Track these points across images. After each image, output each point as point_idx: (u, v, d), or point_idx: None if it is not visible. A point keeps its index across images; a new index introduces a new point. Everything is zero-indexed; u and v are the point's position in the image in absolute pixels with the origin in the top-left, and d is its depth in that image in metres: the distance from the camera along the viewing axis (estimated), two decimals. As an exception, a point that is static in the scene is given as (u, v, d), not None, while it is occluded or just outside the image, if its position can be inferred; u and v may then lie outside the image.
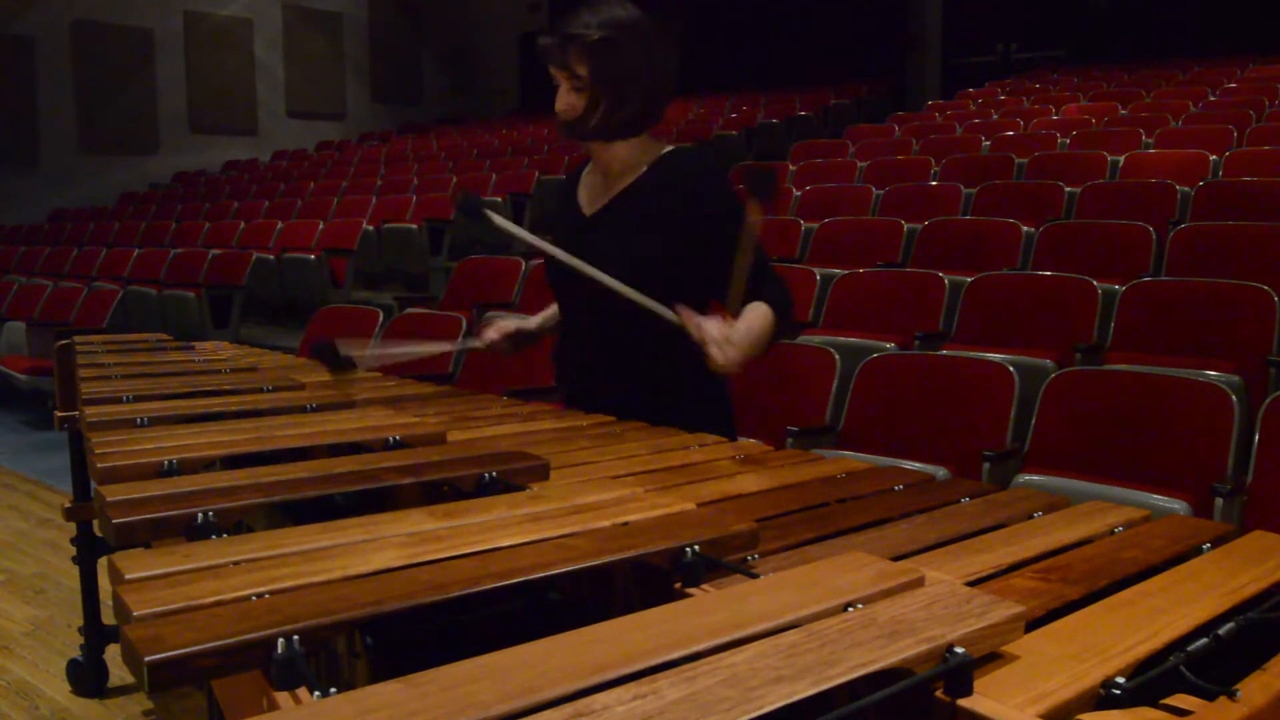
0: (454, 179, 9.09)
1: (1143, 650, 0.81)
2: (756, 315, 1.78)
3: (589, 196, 1.99)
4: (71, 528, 2.86)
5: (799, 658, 0.70)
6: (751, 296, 1.80)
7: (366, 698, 0.63)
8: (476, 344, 2.11)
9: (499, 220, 1.90)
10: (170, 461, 1.32)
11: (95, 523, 2.74)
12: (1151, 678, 0.76)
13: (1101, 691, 0.75)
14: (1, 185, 11.56)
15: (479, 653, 0.69)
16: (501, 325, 2.12)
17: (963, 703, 0.71)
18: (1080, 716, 0.73)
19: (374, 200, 8.78)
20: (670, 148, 1.94)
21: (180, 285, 7.21)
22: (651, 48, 1.82)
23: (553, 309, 2.13)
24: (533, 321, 2.17)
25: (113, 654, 2.82)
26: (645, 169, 1.91)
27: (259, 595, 0.83)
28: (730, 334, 1.68)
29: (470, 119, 14.75)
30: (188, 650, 0.72)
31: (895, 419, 3.32)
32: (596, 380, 1.97)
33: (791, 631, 0.74)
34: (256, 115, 14.04)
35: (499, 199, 8.17)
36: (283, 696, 0.72)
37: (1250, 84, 8.08)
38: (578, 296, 1.94)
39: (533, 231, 1.97)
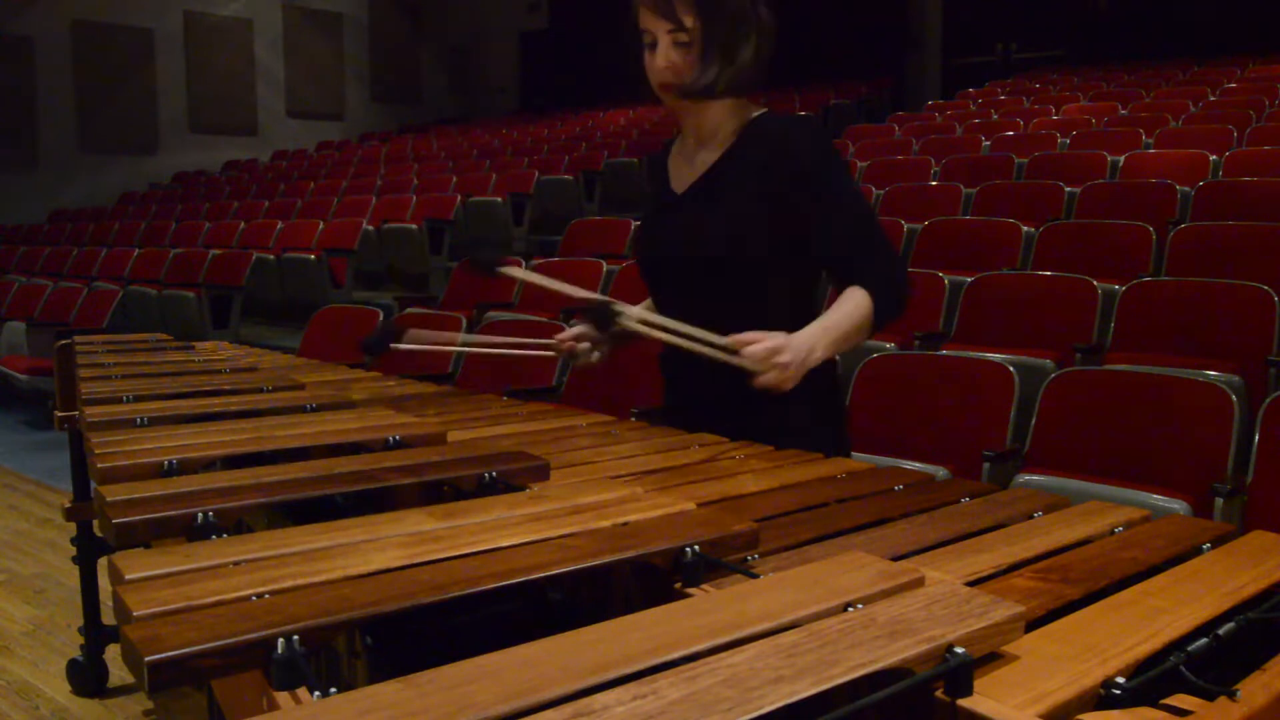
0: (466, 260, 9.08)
1: (1143, 650, 0.80)
2: (848, 307, 1.63)
3: (679, 172, 1.82)
4: (71, 528, 2.86)
5: (799, 658, 0.70)
6: (852, 276, 1.65)
7: (366, 698, 0.63)
8: (582, 358, 1.87)
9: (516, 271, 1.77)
10: (170, 461, 1.32)
11: (95, 523, 2.74)
12: (1151, 678, 0.76)
13: (1101, 691, 0.75)
14: (1, 185, 11.57)
15: (479, 653, 0.69)
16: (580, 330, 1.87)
17: (963, 703, 0.71)
18: (1080, 716, 0.73)
19: (374, 200, 8.79)
20: (761, 111, 1.77)
21: (180, 285, 7.21)
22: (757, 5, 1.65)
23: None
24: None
25: (113, 654, 2.82)
26: (735, 136, 1.74)
27: (259, 595, 0.83)
28: (783, 343, 1.53)
29: (470, 119, 14.75)
30: (188, 650, 0.72)
31: (895, 419, 3.32)
32: (702, 387, 1.76)
33: (791, 631, 0.74)
34: (256, 115, 14.04)
35: (498, 199, 8.17)
36: (283, 696, 0.72)
37: (1250, 84, 8.08)
38: (676, 304, 1.73)
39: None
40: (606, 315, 1.65)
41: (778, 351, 1.53)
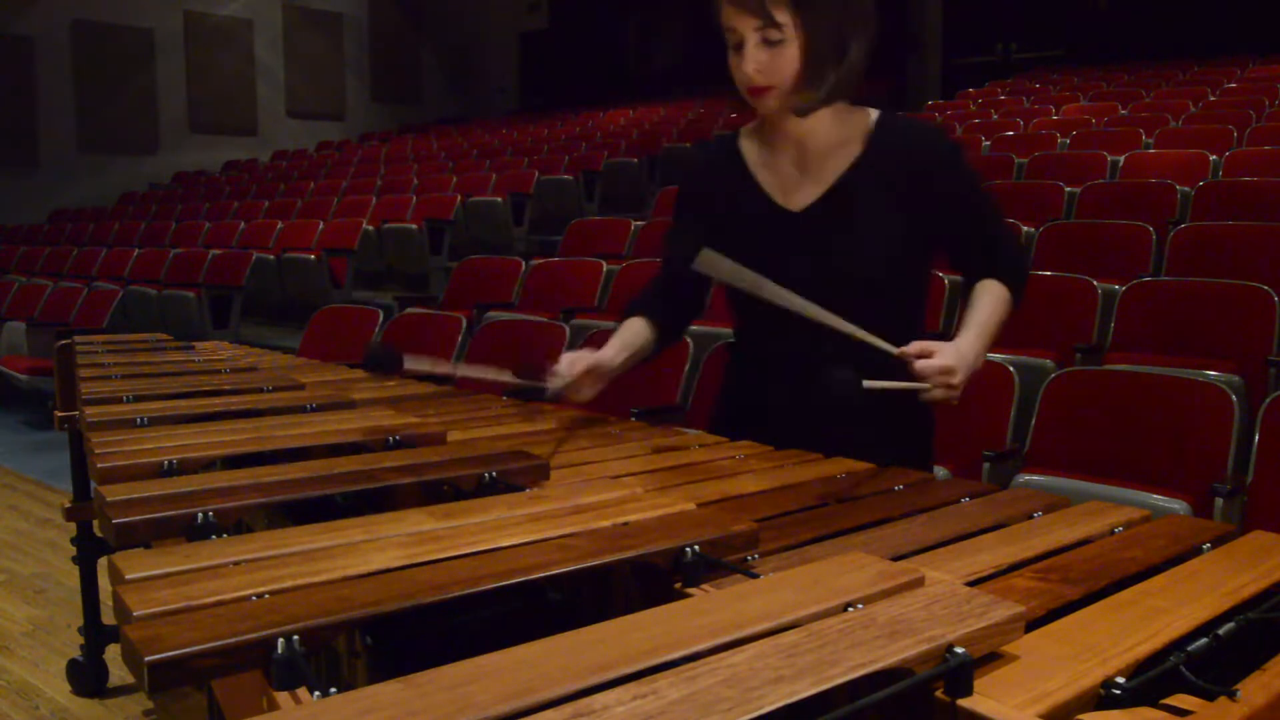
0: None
1: (1143, 650, 0.81)
2: (991, 303, 1.55)
3: (783, 185, 1.61)
4: (71, 528, 2.86)
5: (799, 658, 0.70)
6: (983, 268, 1.59)
7: (366, 698, 0.63)
8: (549, 387, 1.63)
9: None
10: (170, 461, 1.32)
11: (95, 523, 2.74)
12: (1151, 678, 0.76)
13: (1101, 691, 0.75)
14: (1, 185, 11.57)
15: (479, 653, 0.69)
16: (577, 362, 1.62)
17: (963, 703, 0.71)
18: (1080, 716, 0.73)
19: (374, 200, 8.79)
20: (877, 113, 1.61)
21: (180, 285, 7.21)
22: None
23: (631, 335, 1.71)
24: (616, 353, 1.67)
25: (113, 654, 2.82)
26: (863, 145, 1.58)
27: (259, 595, 0.83)
28: (955, 361, 1.41)
29: (470, 119, 14.75)
30: (188, 650, 0.72)
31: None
32: (800, 415, 1.60)
33: (791, 631, 0.74)
34: (256, 115, 14.04)
35: (498, 198, 8.18)
36: (283, 696, 0.72)
37: (1250, 84, 8.08)
38: (780, 329, 1.54)
39: (680, 221, 1.68)
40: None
41: (951, 371, 1.41)
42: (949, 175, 1.58)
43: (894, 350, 1.43)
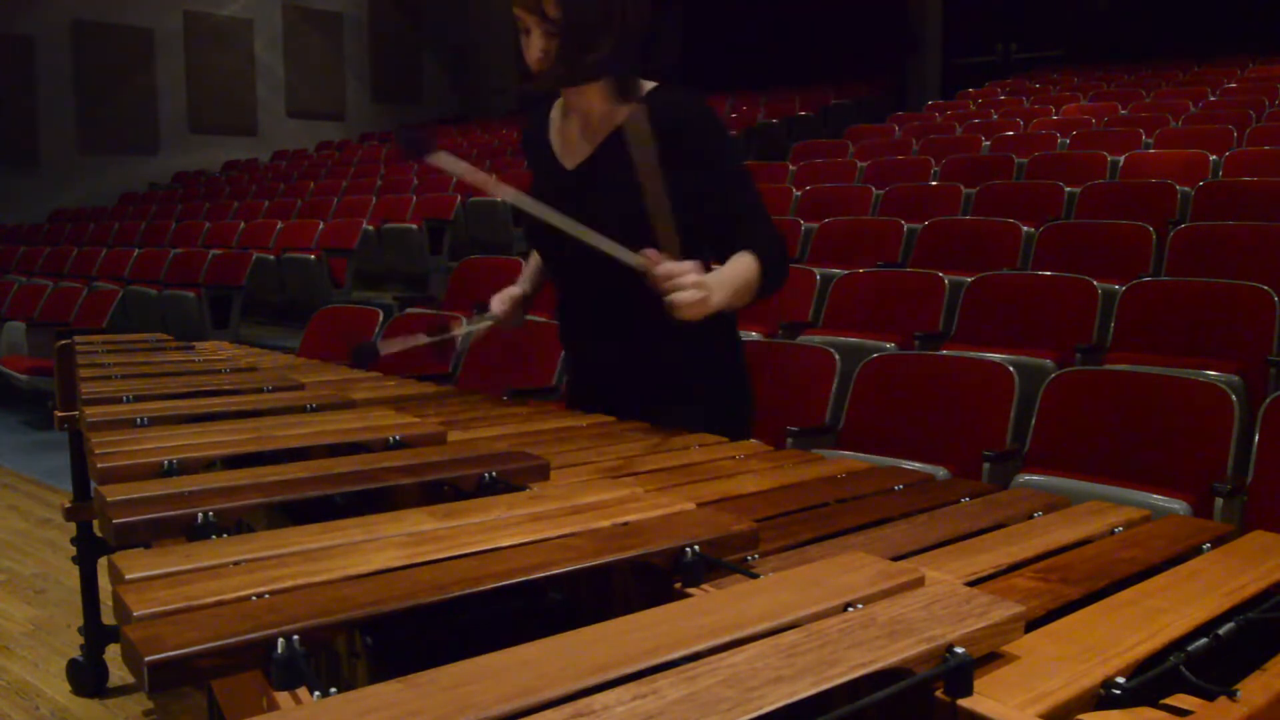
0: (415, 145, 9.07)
1: (1143, 650, 0.81)
2: (739, 264, 1.69)
3: (567, 148, 1.88)
4: (71, 528, 2.86)
5: (799, 658, 0.70)
6: (737, 245, 1.72)
7: (366, 698, 0.63)
8: (485, 322, 2.01)
9: (447, 161, 1.73)
10: (170, 461, 1.32)
11: (95, 523, 2.74)
12: (1151, 678, 0.76)
13: (1101, 691, 0.75)
14: (1, 185, 11.57)
15: (479, 653, 0.69)
16: (504, 295, 2.02)
17: (963, 703, 0.71)
18: (1080, 716, 0.73)
19: (374, 200, 8.79)
20: (651, 86, 1.81)
21: (180, 285, 7.21)
22: None
23: (533, 262, 2.08)
24: (525, 283, 2.07)
25: (113, 654, 2.82)
26: (623, 115, 1.73)
27: (259, 595, 0.83)
28: (702, 277, 1.55)
29: (470, 119, 14.75)
30: (188, 650, 0.72)
31: (895, 419, 3.32)
32: (599, 338, 1.89)
33: (791, 631, 0.74)
34: (256, 115, 14.04)
35: (499, 199, 8.17)
36: (283, 696, 0.71)
37: (1250, 84, 8.08)
38: (564, 252, 1.80)
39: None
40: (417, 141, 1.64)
41: (700, 283, 1.54)
42: (699, 140, 1.74)
43: (643, 261, 1.57)
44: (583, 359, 1.99)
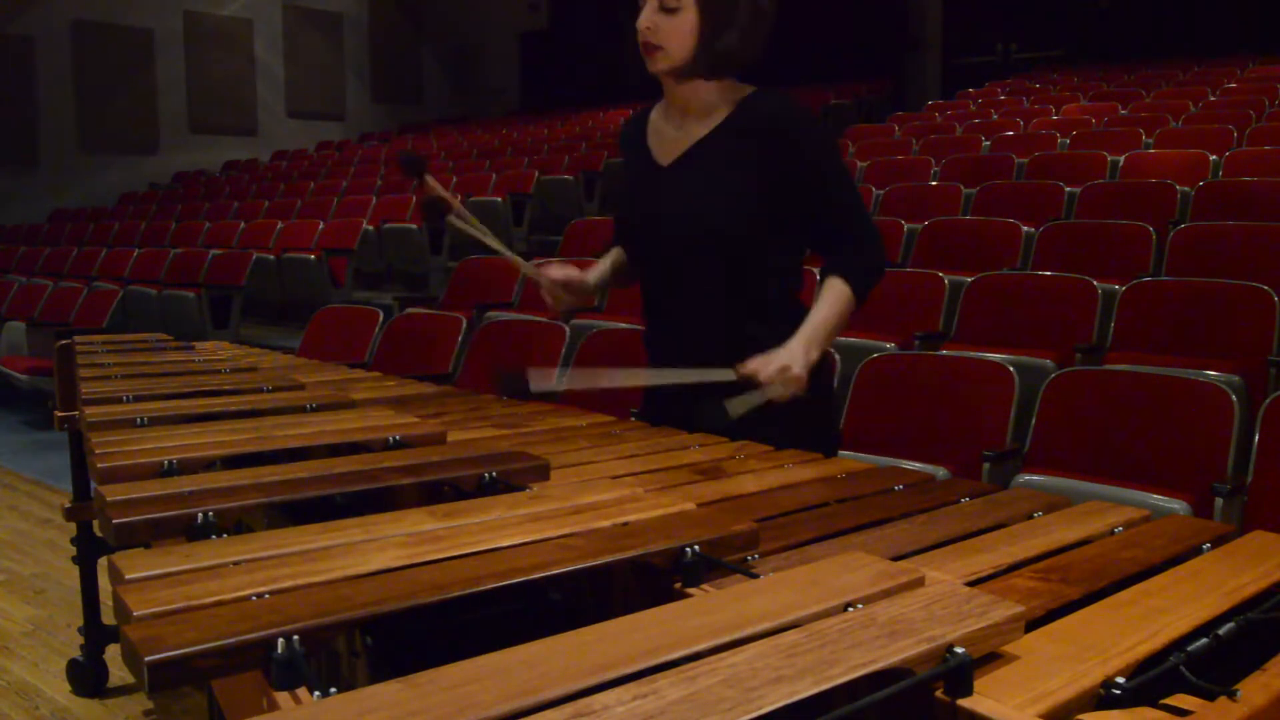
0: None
1: (1143, 650, 0.81)
2: (827, 303, 1.68)
3: (662, 144, 1.80)
4: (71, 528, 2.86)
5: (799, 658, 0.70)
6: (832, 249, 1.72)
7: (366, 698, 0.63)
8: (536, 276, 1.89)
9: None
10: (170, 461, 1.32)
11: (95, 523, 2.74)
12: (1151, 678, 0.76)
13: (1101, 691, 0.75)
14: (1, 185, 11.56)
15: (479, 653, 0.69)
16: (567, 271, 1.89)
17: (963, 703, 0.71)
18: (1080, 716, 0.73)
19: (374, 200, 8.79)
20: (753, 90, 1.75)
21: (180, 285, 7.21)
22: None
23: (615, 257, 1.95)
24: (593, 273, 1.93)
25: (113, 654, 2.82)
26: (727, 112, 1.73)
27: (259, 595, 0.83)
28: (788, 359, 1.59)
29: (470, 119, 14.75)
30: (188, 650, 0.72)
31: (895, 419, 3.32)
32: (684, 347, 1.80)
33: (791, 631, 0.74)
34: (256, 115, 14.04)
35: (498, 199, 8.18)
36: (283, 696, 0.71)
37: (1250, 84, 8.08)
38: (656, 255, 1.78)
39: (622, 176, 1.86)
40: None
41: (785, 368, 1.58)
42: (803, 143, 1.70)
43: (734, 375, 1.59)
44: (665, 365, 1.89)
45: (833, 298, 1.70)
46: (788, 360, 1.59)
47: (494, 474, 1.28)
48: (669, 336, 1.84)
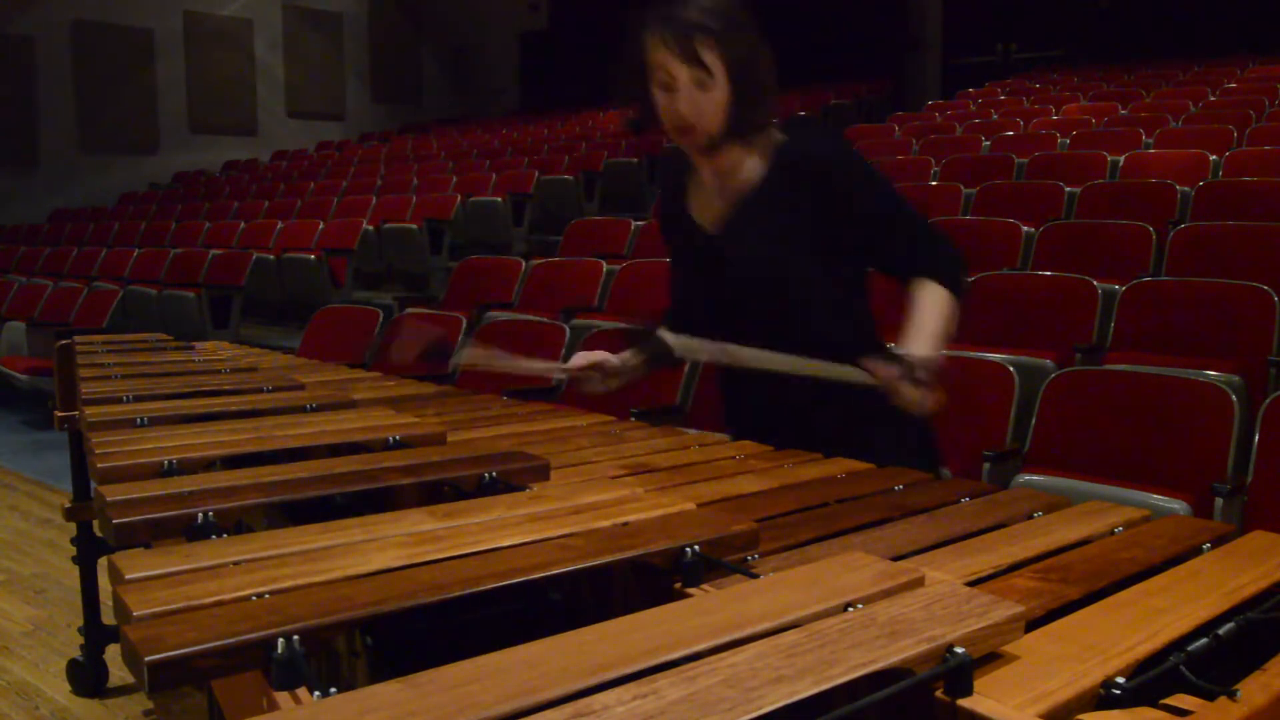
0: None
1: (1143, 650, 0.81)
2: (931, 307, 1.63)
3: (705, 210, 1.73)
4: (71, 528, 2.86)
5: (799, 658, 0.70)
6: (910, 269, 1.67)
7: (366, 698, 0.63)
8: (564, 373, 1.82)
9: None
10: (170, 461, 1.32)
11: (95, 523, 2.74)
12: (1151, 678, 0.76)
13: (1101, 691, 0.75)
14: (1, 185, 11.56)
15: (479, 653, 0.69)
16: (591, 356, 1.78)
17: (963, 703, 0.71)
18: (1080, 716, 0.73)
19: (374, 200, 8.78)
20: (780, 135, 1.68)
21: (180, 285, 7.21)
22: (758, 30, 1.62)
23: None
24: (624, 356, 1.81)
25: (113, 654, 2.82)
26: (764, 167, 1.67)
27: (259, 595, 0.83)
28: (914, 363, 1.52)
29: (470, 119, 14.75)
30: (188, 650, 0.72)
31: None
32: (783, 412, 1.72)
33: (791, 631, 0.74)
34: (256, 115, 14.04)
35: (498, 199, 8.18)
36: (283, 696, 0.71)
37: (1250, 84, 8.08)
38: (744, 335, 1.64)
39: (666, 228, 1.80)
40: (658, 347, 1.63)
41: (912, 369, 1.52)
42: (849, 181, 1.66)
43: (865, 376, 1.53)
44: (752, 406, 1.81)
45: (934, 303, 1.64)
46: (915, 362, 1.53)
47: (494, 474, 1.28)
48: (751, 386, 1.72)
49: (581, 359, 1.78)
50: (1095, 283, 3.90)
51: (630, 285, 5.06)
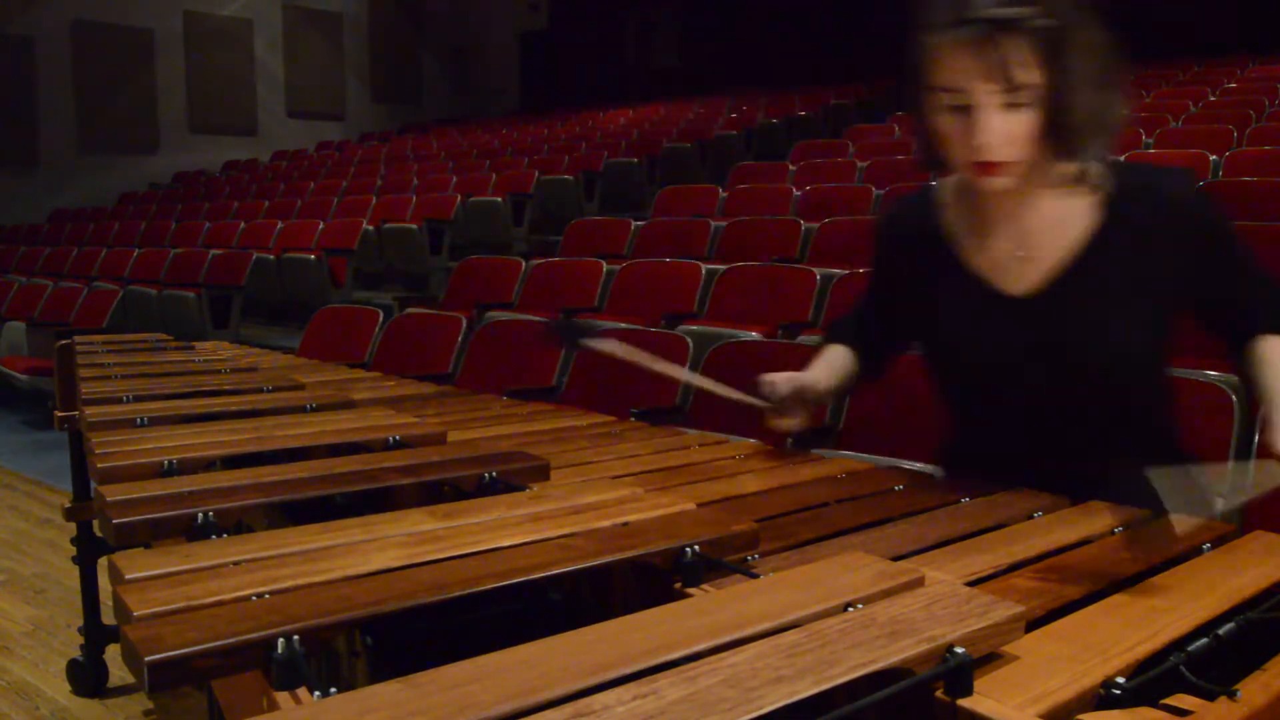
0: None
1: (1143, 650, 0.81)
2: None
3: (997, 266, 1.35)
4: (71, 528, 2.86)
5: (799, 658, 0.70)
6: (1249, 325, 1.36)
7: (366, 698, 0.63)
8: (754, 401, 1.46)
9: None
10: (170, 461, 1.32)
11: (95, 523, 2.74)
12: (1151, 678, 0.76)
13: (1101, 691, 0.75)
14: (1, 185, 11.56)
15: (479, 653, 0.69)
16: (788, 378, 1.46)
17: (963, 703, 0.71)
18: (1080, 716, 0.73)
19: (374, 200, 8.79)
20: (1102, 173, 1.32)
21: (180, 285, 7.21)
22: (1100, 25, 1.27)
23: (839, 361, 1.56)
24: (820, 378, 1.51)
25: (113, 654, 2.82)
26: (1100, 214, 1.31)
27: (259, 595, 0.83)
28: None
29: (470, 119, 14.76)
30: (188, 650, 0.72)
31: (895, 419, 3.31)
32: (1030, 461, 1.38)
33: (791, 631, 0.74)
34: (256, 115, 14.04)
35: (498, 199, 8.18)
36: (283, 696, 0.72)
37: (1250, 84, 8.08)
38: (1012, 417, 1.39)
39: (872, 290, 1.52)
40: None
41: None
42: (1208, 239, 1.33)
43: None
44: (1012, 451, 1.44)
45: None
46: None
47: (494, 474, 1.28)
48: (1003, 458, 1.42)
49: (785, 384, 1.44)
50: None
51: (630, 285, 5.06)
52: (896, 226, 1.50)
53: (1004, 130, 1.20)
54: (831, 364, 1.55)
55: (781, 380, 1.43)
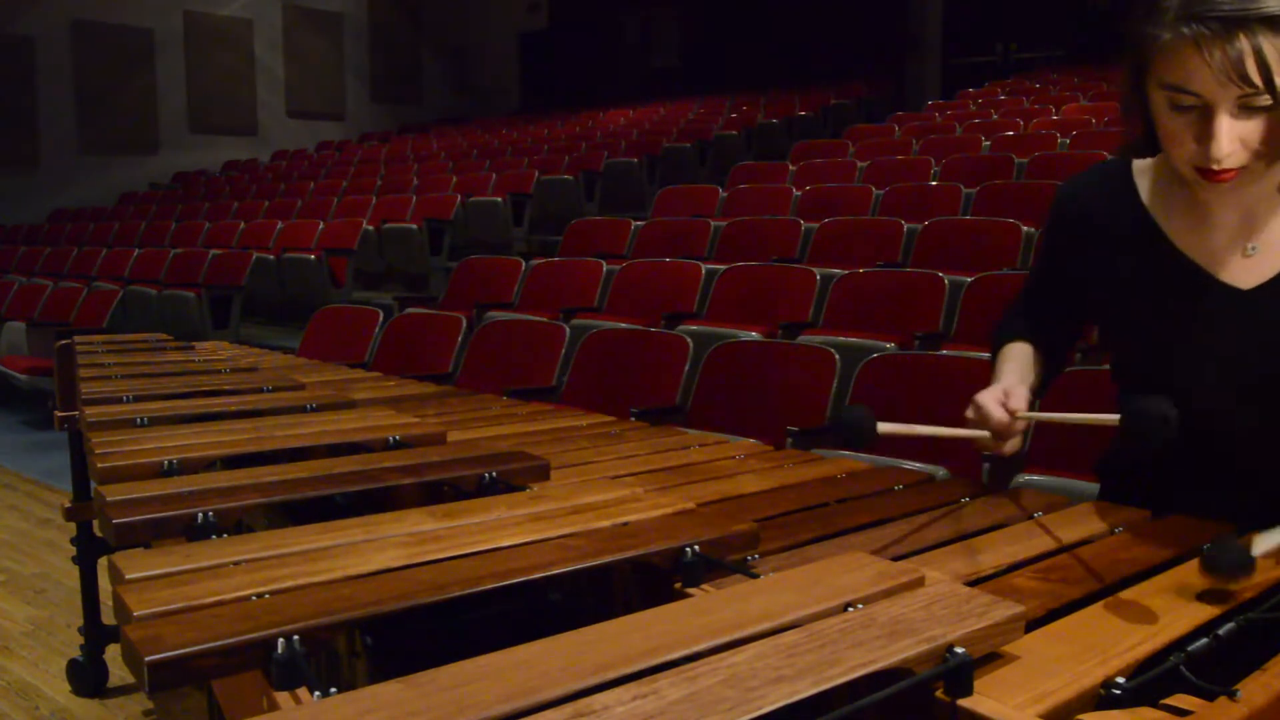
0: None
1: (1143, 650, 0.81)
2: None
3: (1215, 252, 1.26)
4: (71, 528, 2.86)
5: (799, 658, 0.70)
6: None
7: (366, 698, 0.63)
8: (976, 434, 1.30)
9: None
10: (170, 461, 1.32)
11: (95, 523, 2.74)
12: (1151, 678, 0.76)
13: (1101, 691, 0.75)
14: (1, 185, 11.57)
15: (479, 653, 0.69)
16: (996, 398, 1.30)
17: (963, 703, 0.71)
18: (1080, 716, 0.73)
19: (374, 200, 8.79)
20: None
21: (180, 285, 7.21)
22: None
23: (1026, 363, 1.44)
24: (1018, 378, 1.38)
25: (113, 654, 2.82)
26: None
27: (259, 595, 0.83)
28: None
29: (470, 119, 14.76)
30: (188, 650, 0.72)
31: (896, 419, 3.31)
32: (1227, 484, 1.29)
33: (791, 631, 0.74)
34: (256, 115, 14.04)
35: (498, 199, 8.18)
36: (283, 696, 0.71)
37: (1250, 84, 8.07)
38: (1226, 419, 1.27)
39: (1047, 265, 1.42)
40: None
41: None
42: None
43: None
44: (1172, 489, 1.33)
45: None
46: None
47: (494, 474, 1.28)
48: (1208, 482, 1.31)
49: (994, 406, 1.28)
50: (1095, 283, 3.90)
51: (630, 285, 5.06)
52: (1083, 203, 1.38)
53: (1238, 135, 1.12)
54: (1020, 364, 1.42)
55: (990, 404, 1.29)
